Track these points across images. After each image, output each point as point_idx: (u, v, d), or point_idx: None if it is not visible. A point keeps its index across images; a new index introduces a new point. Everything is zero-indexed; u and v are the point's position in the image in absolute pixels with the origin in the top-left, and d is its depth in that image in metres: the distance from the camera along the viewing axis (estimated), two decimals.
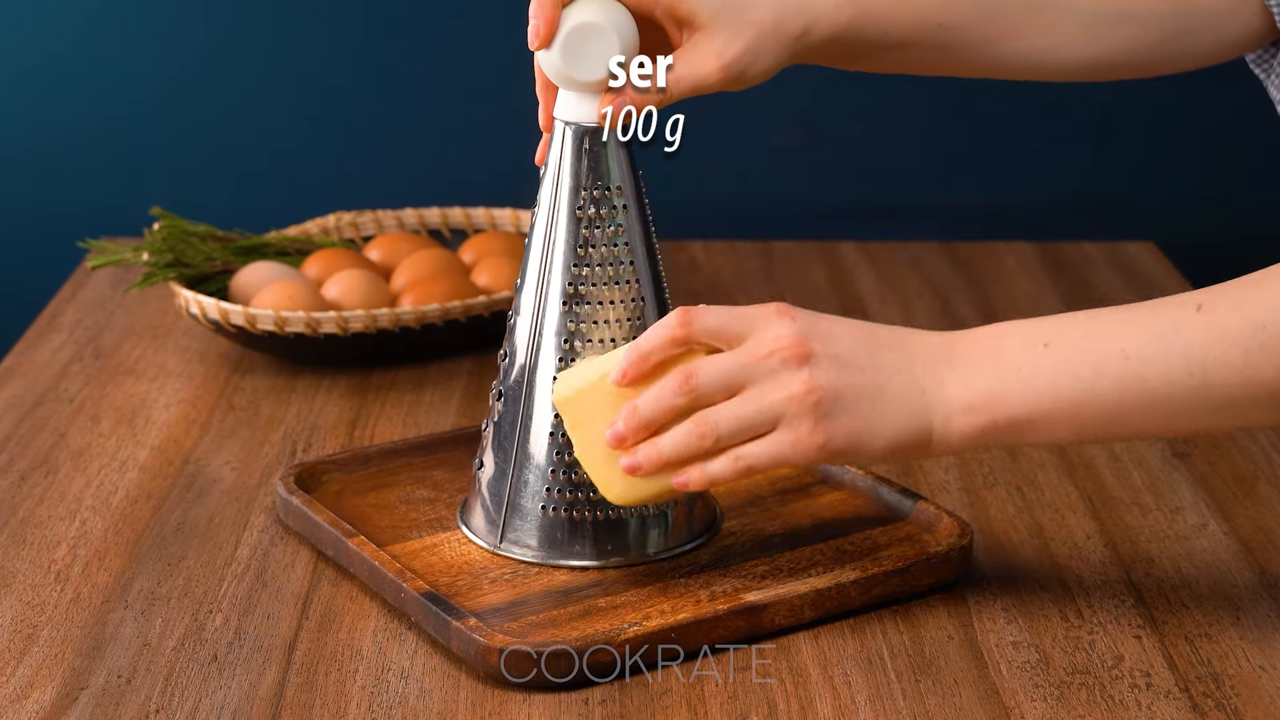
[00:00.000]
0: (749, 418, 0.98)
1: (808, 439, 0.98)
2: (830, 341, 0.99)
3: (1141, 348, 0.96)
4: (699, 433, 0.99)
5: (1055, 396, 0.97)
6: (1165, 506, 1.19)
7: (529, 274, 1.09)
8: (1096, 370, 0.96)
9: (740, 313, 1.00)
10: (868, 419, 0.98)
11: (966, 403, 0.98)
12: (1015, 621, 1.05)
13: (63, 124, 1.76)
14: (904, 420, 0.98)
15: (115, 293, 1.58)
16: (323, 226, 1.58)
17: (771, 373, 0.98)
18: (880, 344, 1.00)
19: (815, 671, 1.01)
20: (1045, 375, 0.97)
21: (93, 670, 1.01)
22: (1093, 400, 0.96)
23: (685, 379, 0.99)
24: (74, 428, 1.31)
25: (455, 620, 1.01)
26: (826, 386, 0.98)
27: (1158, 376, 0.95)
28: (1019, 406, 0.97)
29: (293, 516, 1.15)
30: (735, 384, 0.99)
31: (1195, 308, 0.95)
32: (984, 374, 0.98)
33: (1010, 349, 0.98)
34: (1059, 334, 0.98)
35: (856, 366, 0.98)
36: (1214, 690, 0.99)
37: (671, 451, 0.99)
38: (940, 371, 0.99)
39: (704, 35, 1.05)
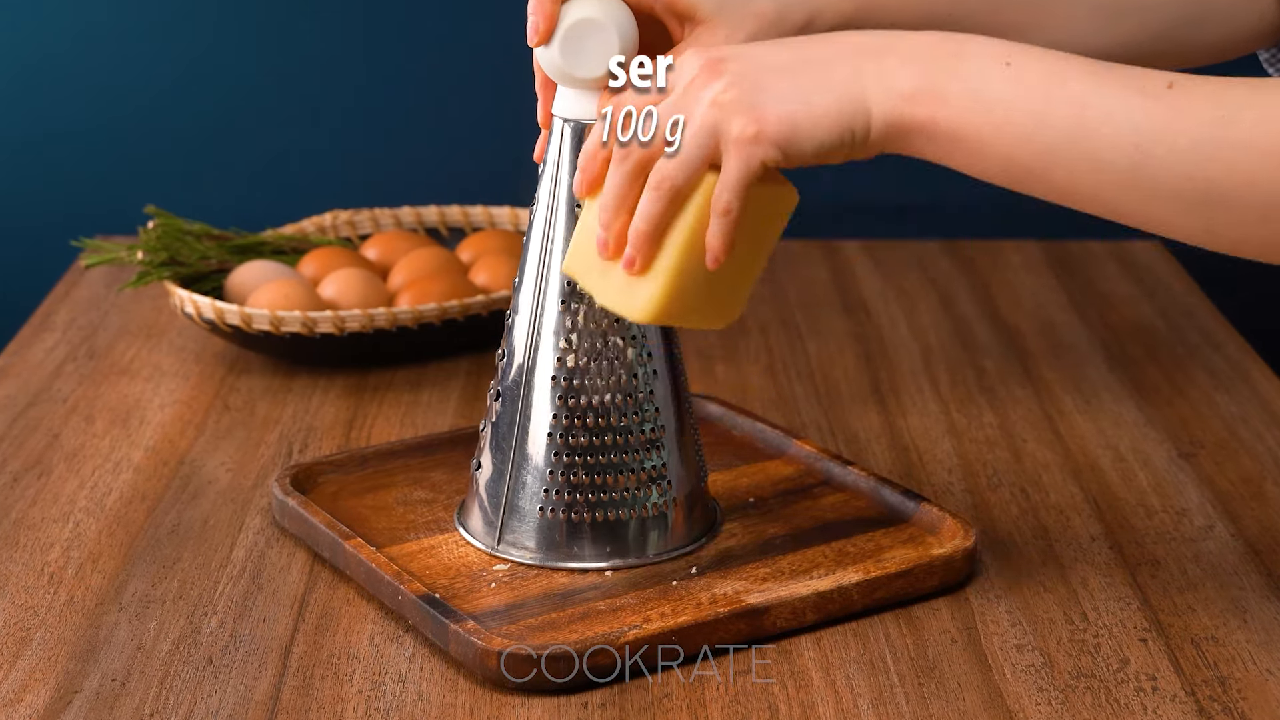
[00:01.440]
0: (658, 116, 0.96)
1: (744, 130, 0.94)
2: (747, 53, 0.96)
3: (1101, 102, 0.92)
4: (617, 158, 0.96)
5: (1000, 120, 0.93)
6: (1171, 508, 1.19)
7: (527, 272, 1.09)
8: (1048, 107, 0.93)
9: (658, 75, 0.98)
10: (802, 101, 0.94)
11: (911, 89, 0.95)
12: (1019, 624, 1.05)
13: (57, 122, 1.76)
14: (841, 103, 0.95)
15: (109, 292, 1.58)
16: (319, 225, 1.58)
17: (693, 99, 0.96)
18: (812, 42, 0.97)
19: (817, 675, 1.00)
20: (998, 93, 0.94)
21: (86, 674, 1.01)
22: (1034, 138, 0.93)
23: (621, 149, 0.97)
24: (68, 428, 1.31)
25: (453, 623, 1.00)
26: (746, 82, 0.94)
27: (1104, 137, 0.92)
28: (961, 114, 0.94)
29: (289, 518, 1.15)
30: (671, 124, 0.96)
31: (1167, 85, 0.92)
32: (935, 66, 0.95)
33: (972, 54, 0.95)
34: (1025, 58, 0.94)
35: (779, 65, 0.95)
36: (1221, 694, 0.99)
37: (638, 214, 0.96)
38: (885, 58, 0.95)
39: (706, 29, 1.05)
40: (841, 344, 1.47)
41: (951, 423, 1.32)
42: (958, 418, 1.33)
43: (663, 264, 0.97)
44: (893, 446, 1.28)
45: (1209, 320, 1.52)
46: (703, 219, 0.96)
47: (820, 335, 1.49)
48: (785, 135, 0.94)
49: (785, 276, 1.64)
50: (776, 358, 1.45)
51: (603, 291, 1.00)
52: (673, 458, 1.09)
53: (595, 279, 1.00)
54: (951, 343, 1.48)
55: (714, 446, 1.24)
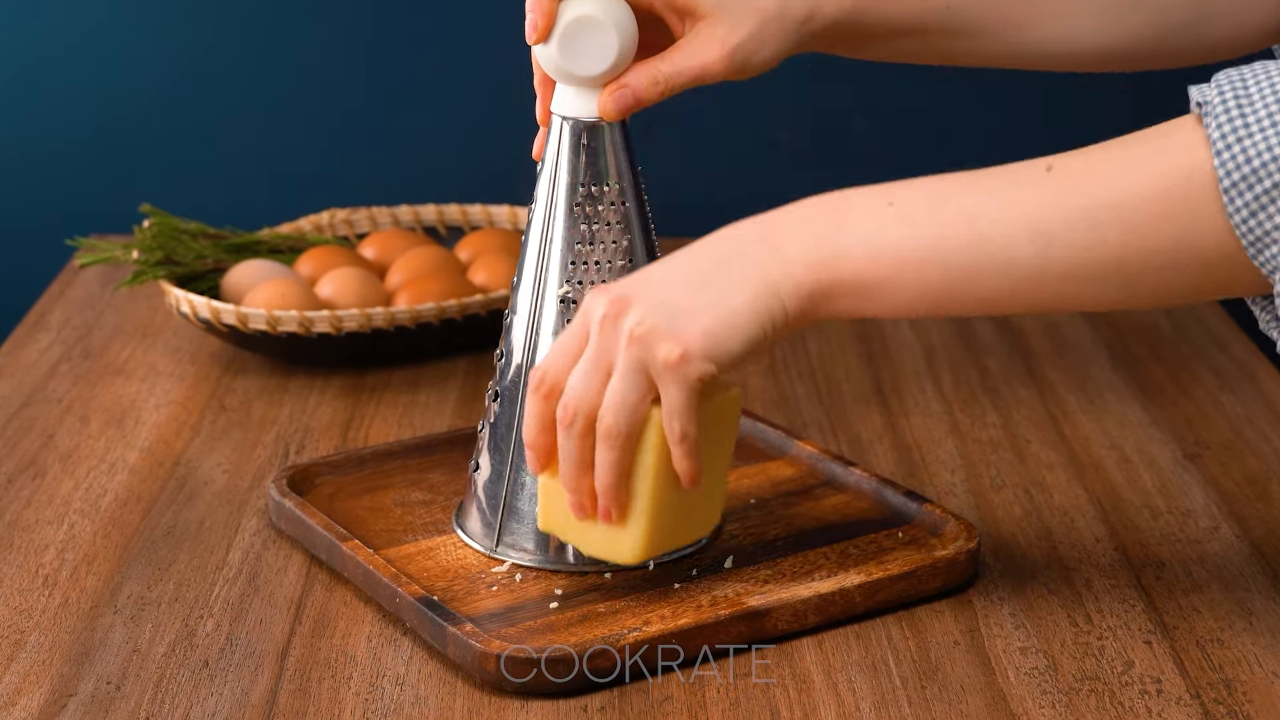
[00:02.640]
0: (589, 370, 0.97)
1: (669, 356, 0.95)
2: (646, 282, 0.97)
3: (987, 208, 0.93)
4: (564, 425, 0.97)
5: (898, 258, 0.94)
6: (1176, 509, 1.19)
7: (525, 272, 1.09)
8: (941, 231, 0.94)
9: (571, 327, 0.99)
10: (716, 311, 0.95)
11: (809, 259, 0.96)
12: (1023, 627, 1.05)
13: (52, 120, 1.76)
14: (754, 303, 0.96)
15: (104, 291, 1.58)
16: (316, 224, 1.58)
17: (611, 340, 0.96)
18: (701, 253, 0.97)
19: (819, 678, 1.00)
20: (888, 235, 0.95)
21: (81, 677, 1.00)
22: (936, 263, 0.94)
23: (563, 411, 0.98)
24: (62, 429, 1.31)
25: (451, 626, 1.00)
26: (654, 311, 0.95)
27: (1001, 239, 0.93)
28: (862, 266, 0.95)
29: (285, 520, 1.15)
30: (601, 378, 0.97)
31: (1046, 169, 0.93)
32: (823, 235, 0.96)
33: (852, 208, 0.96)
34: (904, 194, 0.95)
35: (679, 284, 0.96)
36: (1226, 697, 0.98)
37: (599, 468, 0.98)
38: (775, 242, 0.96)
39: (706, 24, 1.05)
40: (843, 344, 1.47)
41: (954, 423, 1.32)
42: (961, 418, 1.33)
43: (640, 506, 0.99)
44: (895, 447, 1.28)
45: (1214, 320, 1.52)
46: (663, 452, 0.98)
47: (822, 335, 1.49)
48: (710, 347, 0.95)
49: None
50: (778, 358, 1.44)
51: (586, 543, 1.02)
52: None
53: (575, 533, 1.02)
54: (954, 342, 1.47)
55: None
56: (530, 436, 1.00)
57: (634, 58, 1.05)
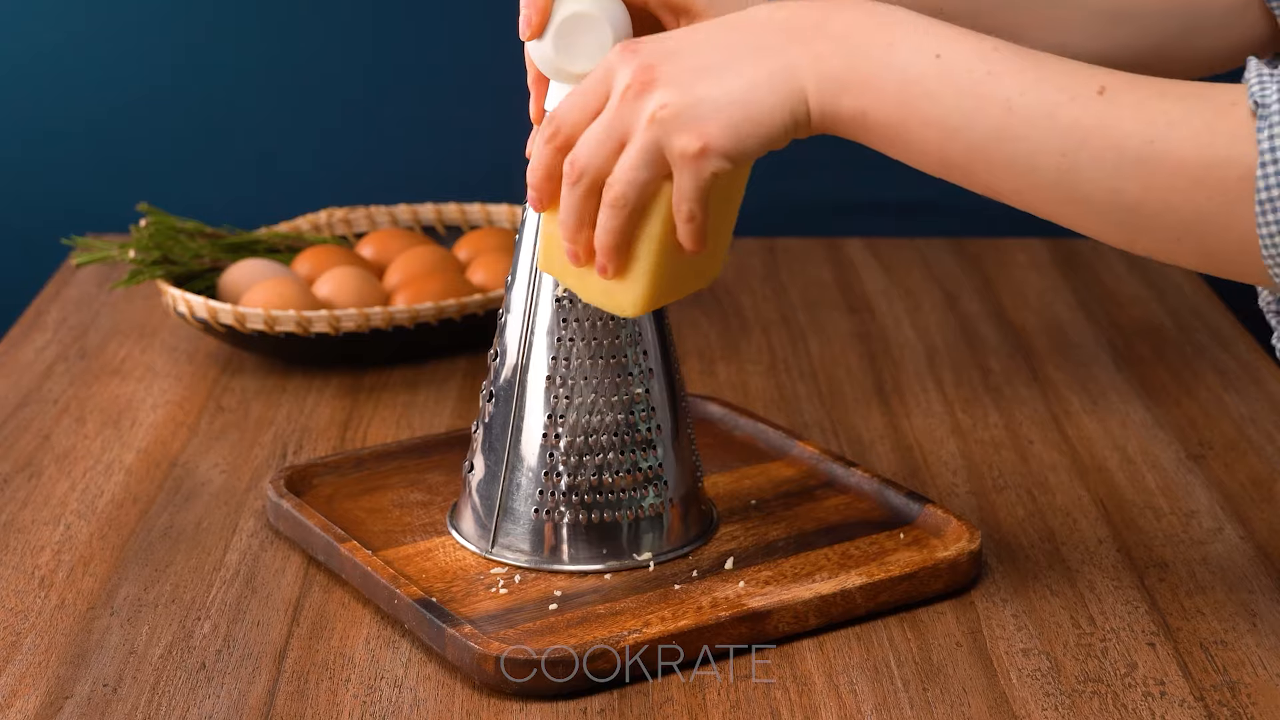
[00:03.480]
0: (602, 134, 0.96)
1: (688, 147, 0.94)
2: (677, 55, 0.96)
3: (1028, 106, 0.92)
4: (570, 181, 0.97)
5: (926, 114, 0.93)
6: (1180, 510, 1.19)
7: (520, 271, 1.09)
8: (976, 105, 0.93)
9: (592, 79, 0.97)
10: (741, 106, 0.94)
11: (842, 82, 0.94)
12: (1025, 628, 1.05)
13: (48, 118, 1.77)
14: (781, 100, 0.95)
15: (101, 291, 1.58)
16: (314, 223, 1.58)
17: (631, 111, 0.95)
18: (740, 30, 0.96)
19: (820, 680, 1.00)
20: (926, 86, 0.93)
21: (77, 679, 1.00)
22: (962, 137, 0.93)
23: (570, 167, 0.97)
24: (58, 429, 1.31)
25: (450, 627, 1.00)
26: (680, 94, 0.94)
27: (1030, 143, 0.92)
28: (891, 108, 0.94)
29: (283, 521, 1.15)
30: (615, 143, 0.96)
31: (1098, 90, 0.91)
32: (867, 58, 0.94)
33: (903, 43, 0.94)
34: (956, 50, 0.94)
35: (712, 65, 0.95)
36: (1230, 699, 0.98)
37: (600, 229, 0.97)
38: (815, 45, 0.95)
39: (701, 21, 1.04)
40: (845, 343, 1.47)
41: (956, 423, 1.32)
42: (963, 418, 1.33)
43: (641, 266, 0.98)
44: (897, 447, 1.28)
45: (1218, 319, 1.52)
46: (668, 220, 0.97)
47: (823, 334, 1.49)
48: (731, 144, 0.95)
49: (787, 275, 1.64)
50: (778, 358, 1.44)
51: (585, 290, 1.01)
52: (668, 458, 1.09)
53: (574, 278, 1.01)
54: (956, 342, 1.47)
55: (715, 448, 1.23)
56: (534, 179, 0.99)
57: None
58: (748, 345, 1.47)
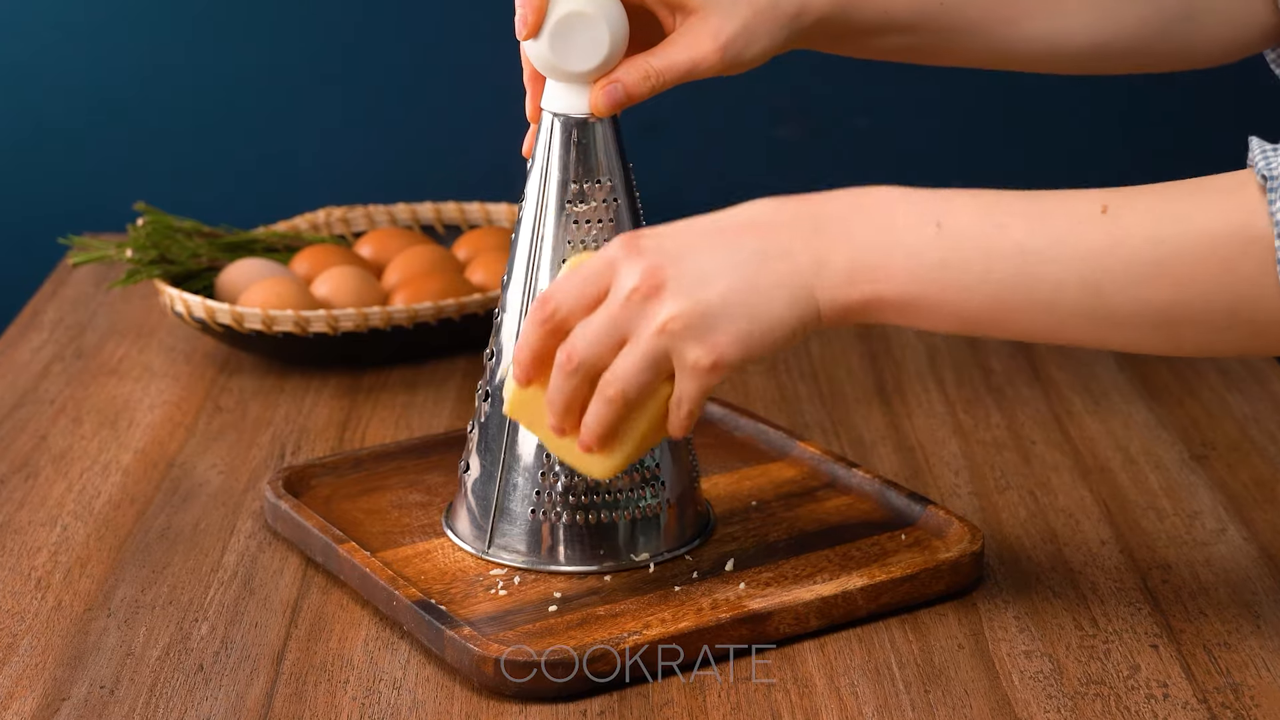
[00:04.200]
0: (603, 330, 0.96)
1: (700, 361, 0.95)
2: (682, 260, 0.96)
3: (1038, 244, 0.92)
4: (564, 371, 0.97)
5: (942, 282, 0.94)
6: (1183, 511, 1.19)
7: (516, 270, 1.08)
8: (988, 262, 0.93)
9: (591, 268, 0.97)
10: (751, 319, 0.95)
11: (849, 274, 0.95)
12: (1028, 630, 1.04)
13: (44, 117, 1.77)
14: (789, 306, 0.95)
15: (98, 291, 1.58)
16: (312, 222, 1.57)
17: (637, 314, 0.96)
18: (739, 234, 0.96)
19: (821, 682, 1.00)
20: (934, 258, 0.94)
21: (74, 680, 1.00)
22: (980, 292, 0.93)
23: (566, 359, 0.97)
24: (55, 430, 1.31)
25: (449, 629, 1.00)
26: (689, 307, 0.95)
27: (1050, 279, 0.92)
28: (903, 286, 0.94)
29: (281, 522, 1.14)
30: (614, 340, 0.96)
31: (1101, 209, 0.92)
32: (868, 246, 0.95)
33: (900, 224, 0.95)
34: (953, 215, 0.94)
35: (717, 273, 0.95)
36: (1233, 701, 0.98)
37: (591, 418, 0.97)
38: (816, 243, 0.95)
39: (699, 18, 1.05)
40: (846, 343, 1.47)
41: (958, 424, 1.31)
42: (964, 419, 1.32)
43: (624, 446, 0.99)
44: (898, 448, 1.28)
45: None
46: (660, 410, 0.98)
47: (824, 334, 1.49)
48: (740, 356, 0.95)
49: None
50: (779, 358, 1.44)
51: (557, 447, 1.01)
52: (665, 458, 1.09)
53: (545, 432, 1.01)
54: (958, 342, 1.47)
55: (715, 448, 1.23)
56: (523, 358, 0.99)
57: (625, 53, 1.05)
58: None
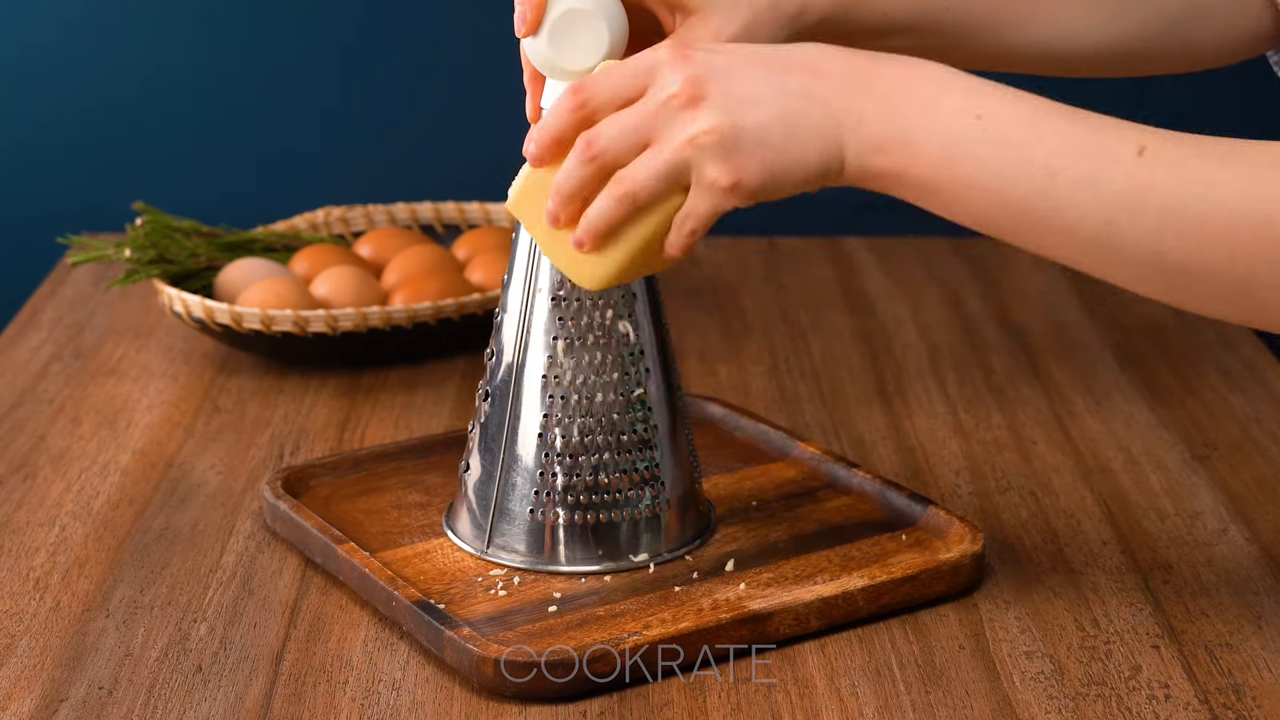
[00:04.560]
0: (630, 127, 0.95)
1: (719, 180, 0.95)
2: (729, 78, 0.95)
3: (1071, 170, 0.92)
4: (581, 157, 0.96)
5: (968, 175, 0.94)
6: (1184, 511, 1.18)
7: (516, 269, 1.08)
8: (1019, 171, 0.93)
9: (634, 66, 0.97)
10: (780, 150, 0.95)
11: (881, 142, 0.95)
12: (1029, 631, 1.04)
13: (43, 116, 1.77)
14: (818, 149, 0.95)
15: (96, 290, 1.58)
16: (311, 222, 1.57)
17: (670, 120, 0.95)
18: (789, 68, 0.96)
19: (822, 682, 1.00)
20: (966, 150, 0.94)
21: (73, 681, 1.00)
22: (1003, 199, 0.93)
23: (585, 146, 0.96)
24: (53, 430, 1.31)
25: (448, 629, 1.00)
26: (726, 124, 0.94)
27: (1071, 206, 0.92)
28: (932, 170, 0.94)
29: (280, 522, 1.14)
30: (639, 140, 0.96)
31: (1138, 150, 0.92)
32: (906, 120, 0.95)
33: (943, 106, 0.94)
34: (999, 111, 0.94)
35: (759, 99, 0.95)
36: (1235, 702, 0.98)
37: (595, 212, 0.97)
38: (859, 103, 0.95)
39: (699, 18, 1.04)
40: (846, 344, 1.47)
41: (959, 424, 1.31)
42: (965, 419, 1.32)
43: (618, 251, 0.98)
44: (899, 448, 1.27)
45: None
46: (664, 224, 0.97)
47: (824, 335, 1.49)
48: (760, 185, 0.95)
49: (789, 275, 1.63)
50: (780, 358, 1.44)
51: (551, 249, 1.00)
52: (665, 458, 1.09)
53: (542, 232, 1.00)
54: (959, 342, 1.47)
55: (716, 449, 1.23)
56: (542, 138, 0.99)
57: (625, 52, 1.04)
58: (749, 345, 1.46)
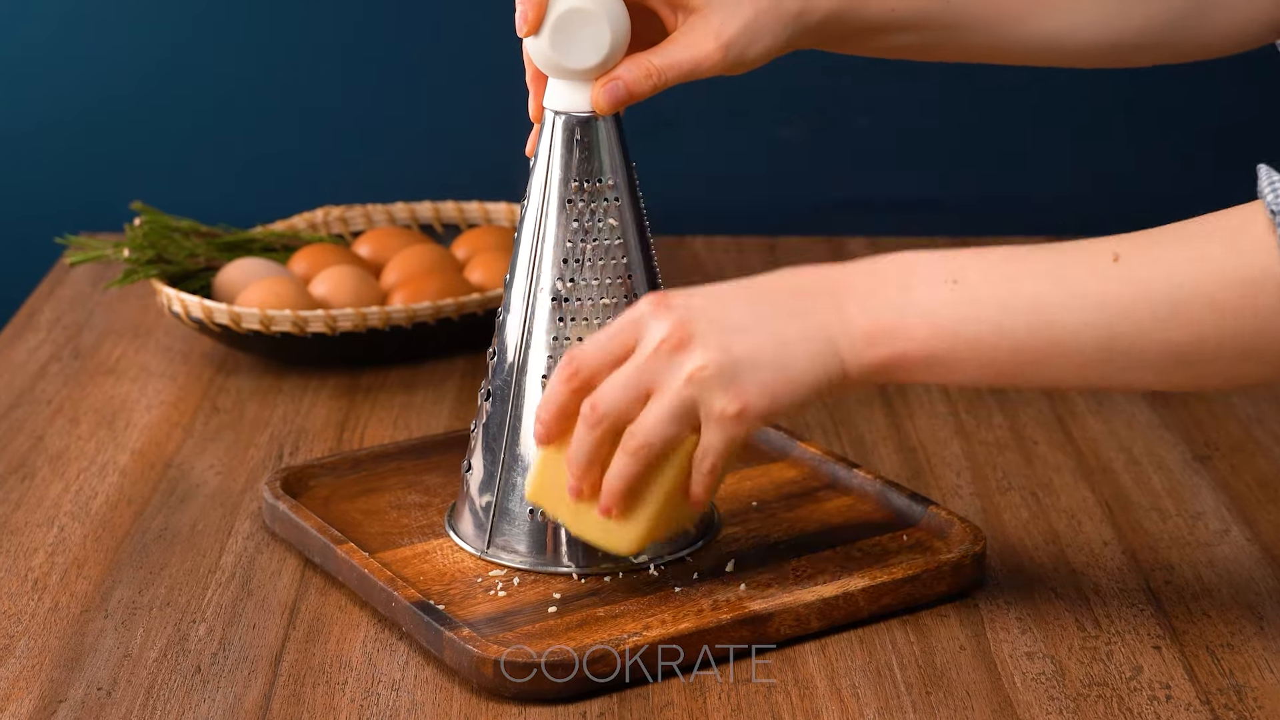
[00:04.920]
0: (630, 382, 0.97)
1: (727, 409, 0.96)
2: (711, 314, 0.97)
3: (1053, 296, 0.94)
4: (589, 423, 0.97)
5: (961, 336, 0.95)
6: (1185, 512, 1.18)
7: (518, 269, 1.08)
8: (1004, 314, 0.94)
9: (618, 326, 0.98)
10: (778, 370, 0.96)
11: (870, 334, 0.96)
12: (1030, 631, 1.04)
13: (40, 115, 1.76)
14: (814, 360, 0.96)
15: (95, 290, 1.57)
16: (310, 221, 1.57)
17: (665, 366, 0.97)
18: (766, 294, 0.98)
19: (822, 683, 0.99)
20: (951, 313, 0.95)
21: (71, 682, 1.00)
22: (1000, 344, 0.95)
23: (590, 410, 0.98)
24: (52, 430, 1.31)
25: (448, 630, 1.00)
26: (720, 356, 0.96)
27: (1067, 328, 0.93)
28: (924, 343, 0.95)
29: (279, 522, 1.14)
30: (640, 392, 0.97)
31: (1112, 258, 0.93)
32: (888, 307, 0.96)
33: (917, 284, 0.96)
34: (968, 272, 0.96)
35: (746, 326, 0.97)
36: (1236, 703, 0.98)
37: (613, 474, 0.98)
38: (840, 303, 0.97)
39: (700, 17, 1.05)
40: None
41: (960, 424, 1.31)
42: (966, 419, 1.32)
43: (646, 510, 1.00)
44: (900, 449, 1.27)
45: None
46: (682, 471, 0.98)
47: None
48: (767, 406, 0.96)
49: None
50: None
51: (579, 525, 1.02)
52: None
53: (567, 512, 1.02)
54: None
55: None
56: (546, 416, 1.00)
57: (627, 51, 1.04)
58: None
